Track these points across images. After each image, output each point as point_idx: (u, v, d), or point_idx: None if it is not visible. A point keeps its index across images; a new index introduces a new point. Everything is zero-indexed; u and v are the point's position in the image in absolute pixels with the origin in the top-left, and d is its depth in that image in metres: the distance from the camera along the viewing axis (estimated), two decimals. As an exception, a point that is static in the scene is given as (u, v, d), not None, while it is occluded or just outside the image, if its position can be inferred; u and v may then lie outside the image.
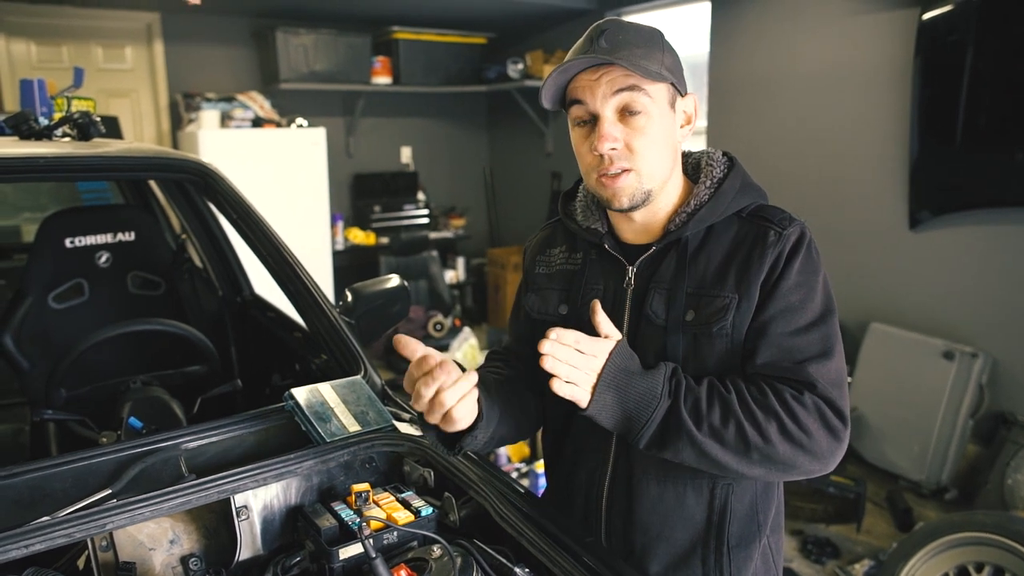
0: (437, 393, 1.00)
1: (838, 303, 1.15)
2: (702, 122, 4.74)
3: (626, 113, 1.07)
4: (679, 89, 1.12)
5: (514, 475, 3.52)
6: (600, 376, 1.02)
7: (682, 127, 1.15)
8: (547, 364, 0.99)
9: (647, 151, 1.09)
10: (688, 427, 1.02)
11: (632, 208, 1.12)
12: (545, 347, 0.99)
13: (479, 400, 1.08)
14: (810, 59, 4.06)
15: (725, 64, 4.52)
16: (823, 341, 1.07)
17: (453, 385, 1.00)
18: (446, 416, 1.02)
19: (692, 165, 1.23)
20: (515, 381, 1.27)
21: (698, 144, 4.74)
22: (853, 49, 3.85)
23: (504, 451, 3.87)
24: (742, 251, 1.12)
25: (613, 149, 1.08)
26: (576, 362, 1.01)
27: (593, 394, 1.02)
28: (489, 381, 1.18)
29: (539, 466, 3.35)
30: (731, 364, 1.11)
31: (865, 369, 3.76)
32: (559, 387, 1.01)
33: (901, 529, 3.21)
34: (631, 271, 1.17)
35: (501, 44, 6.19)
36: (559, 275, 1.27)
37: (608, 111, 1.07)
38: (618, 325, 1.17)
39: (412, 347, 1.02)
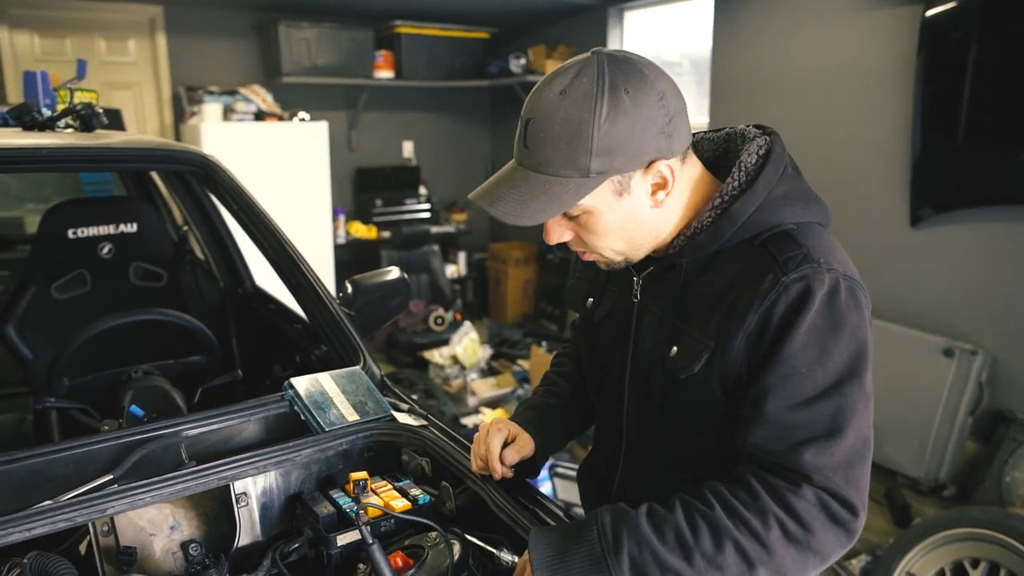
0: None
1: None
2: (703, 118, 4.74)
3: (567, 215, 0.98)
4: (630, 170, 0.93)
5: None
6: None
7: (654, 194, 0.97)
8: None
9: (601, 241, 1.00)
10: (676, 568, 0.87)
11: (619, 268, 1.07)
12: None
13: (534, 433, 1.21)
14: (813, 56, 4.06)
15: (728, 61, 4.52)
16: (832, 417, 0.90)
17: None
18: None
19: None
20: (575, 379, 1.32)
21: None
22: (856, 46, 3.85)
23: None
24: (736, 290, 0.96)
25: (563, 241, 1.02)
26: None
27: None
28: (543, 406, 1.28)
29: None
30: (714, 412, 1.00)
31: (864, 366, 3.76)
32: None
33: (899, 525, 3.21)
34: (637, 285, 1.10)
35: (503, 39, 6.19)
36: (593, 266, 1.18)
37: None
38: (624, 341, 1.12)
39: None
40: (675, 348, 1.01)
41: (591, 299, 1.20)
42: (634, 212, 0.97)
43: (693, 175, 1.01)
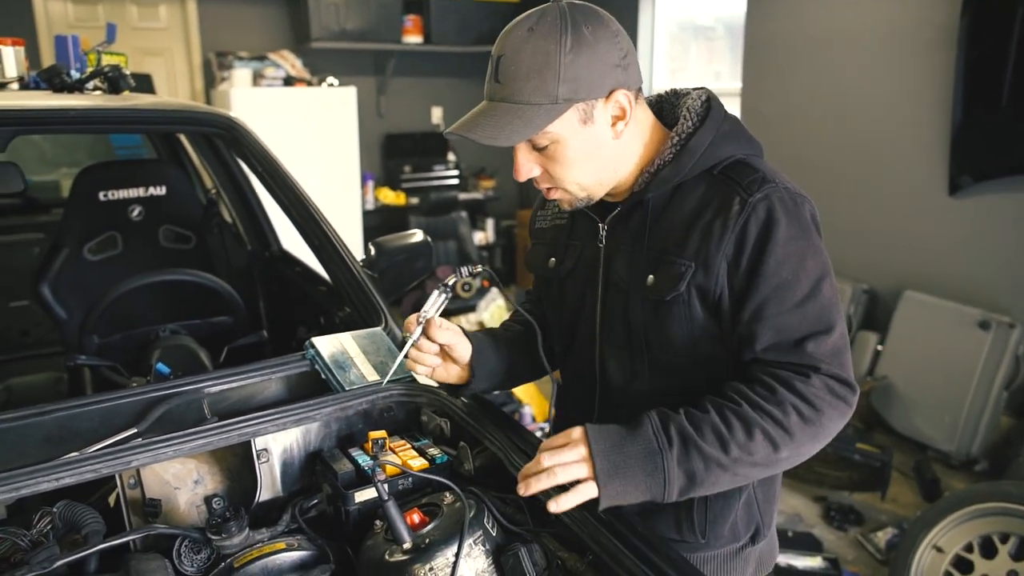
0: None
1: (872, 269, 1.07)
2: (736, 83, 4.63)
3: (535, 147, 1.07)
4: (594, 97, 1.03)
5: (538, 434, 3.55)
6: (594, 467, 0.98)
7: (614, 125, 1.07)
8: (537, 486, 0.99)
9: (567, 173, 1.08)
10: (717, 458, 0.99)
11: (581, 207, 1.14)
12: (523, 490, 1.00)
13: (472, 358, 1.24)
14: (851, 18, 3.93)
15: (763, 22, 4.40)
16: (820, 313, 1.03)
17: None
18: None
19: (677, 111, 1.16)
20: (527, 327, 1.35)
21: (731, 105, 4.65)
22: (897, 8, 3.72)
23: (528, 411, 3.90)
24: (706, 216, 1.06)
25: (533, 177, 1.10)
26: (559, 459, 0.99)
27: (600, 489, 0.98)
28: (498, 335, 1.33)
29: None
30: (695, 335, 1.08)
31: (897, 337, 3.70)
32: (565, 503, 0.97)
33: (927, 499, 3.18)
34: (603, 230, 1.17)
35: (534, 3, 6.06)
36: (551, 230, 1.29)
37: (519, 144, 1.07)
38: (595, 285, 1.19)
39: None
40: (652, 276, 1.09)
41: (553, 258, 1.26)
42: (597, 141, 1.06)
43: (647, 117, 1.13)
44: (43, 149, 3.91)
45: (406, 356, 1.21)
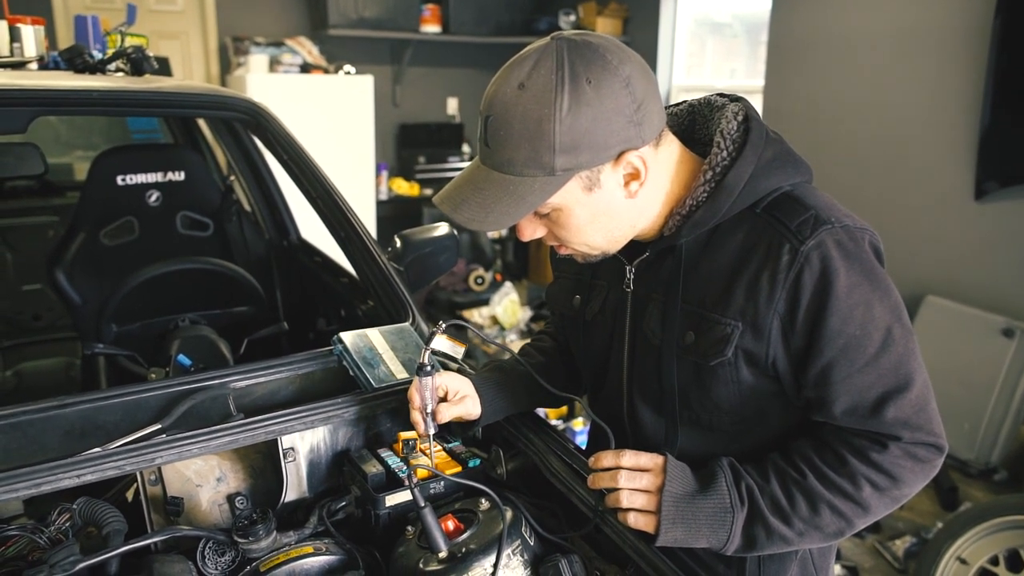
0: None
1: (893, 272, 0.92)
2: (759, 81, 4.56)
3: (537, 212, 0.94)
4: (598, 164, 0.88)
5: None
6: (660, 510, 0.94)
7: (627, 185, 0.92)
8: (609, 501, 1.00)
9: (574, 237, 0.96)
10: (779, 532, 0.94)
11: (598, 260, 1.03)
12: (591, 482, 1.02)
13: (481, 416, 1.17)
14: (879, 18, 3.86)
15: (787, 20, 4.33)
16: (897, 365, 0.91)
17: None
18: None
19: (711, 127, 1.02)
20: (549, 354, 1.29)
21: (752, 102, 4.58)
22: (927, 7, 3.65)
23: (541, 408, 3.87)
24: (750, 266, 0.92)
25: (537, 237, 0.99)
26: (626, 482, 0.98)
27: (659, 532, 0.95)
28: (511, 375, 1.23)
29: (576, 424, 3.34)
30: (743, 396, 0.97)
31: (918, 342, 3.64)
32: (627, 519, 0.97)
33: (945, 508, 3.13)
34: (629, 273, 1.05)
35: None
36: (574, 262, 1.11)
37: None
38: (620, 335, 1.08)
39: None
40: (692, 334, 0.97)
41: (577, 296, 1.15)
42: (607, 206, 0.93)
43: (672, 156, 0.97)
44: (57, 131, 3.87)
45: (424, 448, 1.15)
